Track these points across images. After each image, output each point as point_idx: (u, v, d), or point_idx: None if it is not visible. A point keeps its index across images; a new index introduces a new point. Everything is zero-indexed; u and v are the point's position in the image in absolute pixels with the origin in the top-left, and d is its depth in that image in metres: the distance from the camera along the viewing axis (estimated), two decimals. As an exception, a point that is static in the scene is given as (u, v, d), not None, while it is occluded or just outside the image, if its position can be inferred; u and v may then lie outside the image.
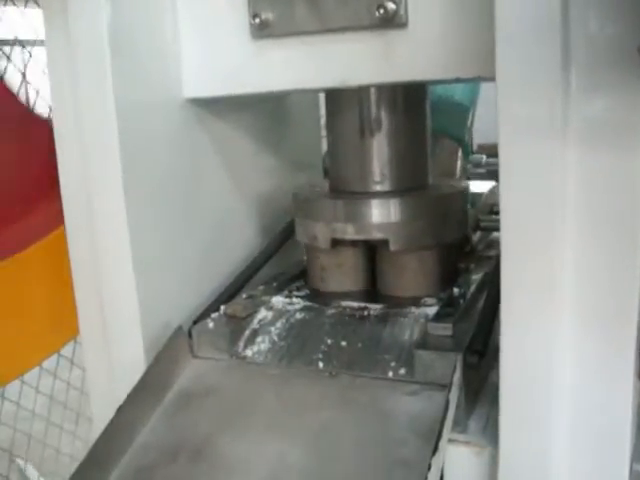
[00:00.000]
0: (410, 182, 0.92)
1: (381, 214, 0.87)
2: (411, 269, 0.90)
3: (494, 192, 1.09)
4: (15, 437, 1.55)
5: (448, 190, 0.93)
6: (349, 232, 0.88)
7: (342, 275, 0.94)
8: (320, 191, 0.97)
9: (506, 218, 0.63)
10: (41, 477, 1.58)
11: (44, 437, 1.63)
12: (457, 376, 0.69)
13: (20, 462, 1.60)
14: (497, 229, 0.88)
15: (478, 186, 1.08)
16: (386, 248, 0.87)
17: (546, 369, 0.64)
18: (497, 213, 0.98)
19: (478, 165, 1.35)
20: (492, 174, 1.10)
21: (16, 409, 1.52)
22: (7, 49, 1.40)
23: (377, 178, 0.91)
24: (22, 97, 1.39)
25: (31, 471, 1.61)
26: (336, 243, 0.90)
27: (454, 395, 0.68)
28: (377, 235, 0.87)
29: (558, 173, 0.61)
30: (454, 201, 0.92)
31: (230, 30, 0.82)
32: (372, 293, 0.94)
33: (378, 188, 0.91)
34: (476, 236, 1.04)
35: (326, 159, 1.02)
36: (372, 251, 0.93)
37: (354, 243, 0.91)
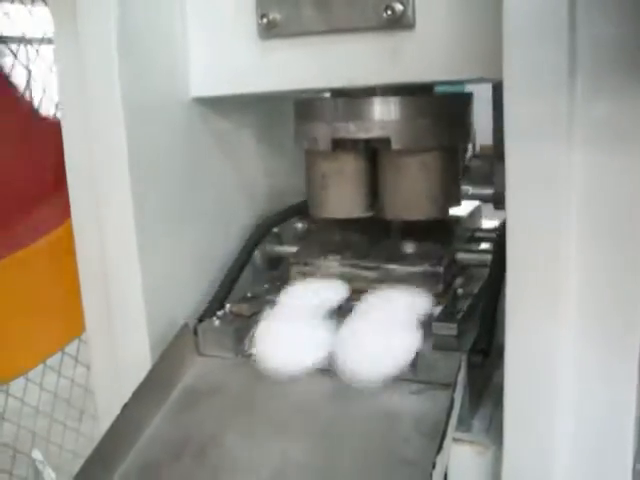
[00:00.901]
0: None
1: (383, 112, 0.84)
2: (413, 174, 0.88)
3: (476, 214, 1.06)
4: (19, 433, 1.56)
5: (452, 92, 0.92)
6: (350, 131, 0.85)
7: (343, 183, 0.92)
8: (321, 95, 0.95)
9: (512, 221, 0.63)
10: (49, 469, 1.59)
11: (48, 434, 1.64)
12: (462, 375, 0.69)
13: (37, 455, 1.61)
14: (477, 264, 0.90)
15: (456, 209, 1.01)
16: (387, 151, 0.86)
17: (550, 371, 0.65)
18: (479, 241, 0.96)
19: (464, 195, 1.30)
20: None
21: (20, 405, 1.53)
22: (14, 47, 1.41)
23: None
24: (28, 94, 1.40)
25: (39, 461, 1.62)
26: (337, 147, 0.88)
27: (459, 394, 0.69)
28: (379, 133, 0.85)
29: (564, 175, 0.61)
30: (457, 102, 0.90)
31: (238, 30, 0.82)
32: (374, 225, 0.93)
33: (380, 89, 0.88)
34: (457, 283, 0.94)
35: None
36: (373, 159, 0.92)
37: (355, 147, 0.89)
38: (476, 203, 1.07)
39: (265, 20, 0.80)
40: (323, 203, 0.94)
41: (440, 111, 0.86)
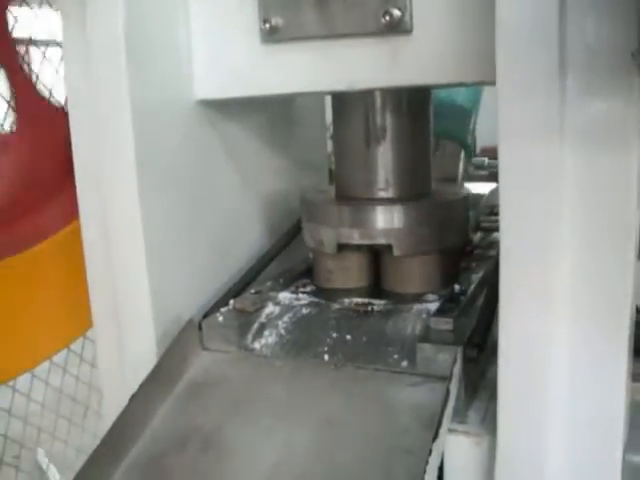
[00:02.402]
0: (413, 189, 0.95)
1: (385, 220, 0.90)
2: (414, 272, 0.94)
3: (495, 193, 1.12)
4: (25, 429, 1.58)
5: (450, 197, 0.96)
6: (354, 237, 0.91)
7: (347, 277, 0.97)
8: (326, 196, 1.00)
9: (505, 217, 0.66)
10: (51, 465, 1.61)
11: (53, 430, 1.66)
12: (457, 368, 0.72)
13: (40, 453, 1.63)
14: (497, 229, 0.91)
15: (479, 188, 1.11)
16: (390, 252, 0.91)
17: (543, 363, 0.67)
18: (497, 214, 1.01)
19: (480, 167, 1.38)
20: (493, 176, 1.12)
21: (26, 402, 1.55)
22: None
23: (382, 185, 0.94)
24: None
25: (44, 461, 1.64)
26: (342, 247, 0.93)
27: (454, 386, 0.71)
28: (381, 240, 0.90)
29: (556, 174, 0.63)
30: (456, 208, 0.95)
31: (241, 34, 0.85)
32: (376, 290, 0.97)
33: (382, 195, 0.94)
34: (477, 236, 1.07)
35: (332, 165, 1.05)
36: (376, 255, 0.97)
37: (359, 247, 0.94)
38: (494, 185, 1.13)
39: (267, 25, 0.82)
40: (327, 288, 0.98)
41: (440, 218, 0.92)
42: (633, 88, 0.61)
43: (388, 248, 0.90)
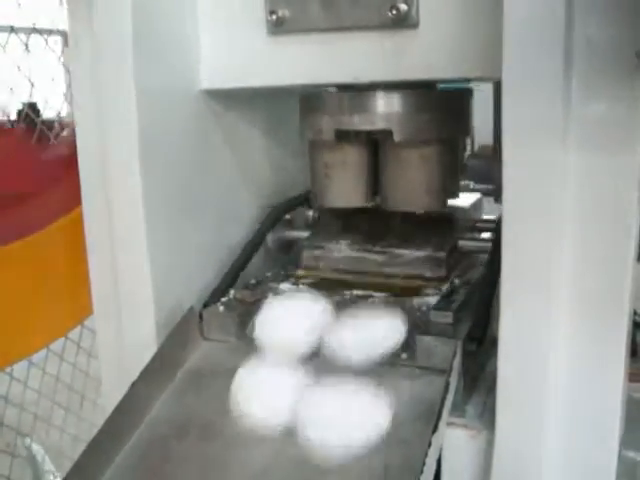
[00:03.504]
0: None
1: (386, 105, 0.88)
2: (413, 166, 0.91)
3: (478, 206, 1.10)
4: (21, 416, 1.58)
5: (453, 88, 0.95)
6: (354, 123, 0.89)
7: (345, 173, 0.95)
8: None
9: (508, 213, 0.66)
10: (45, 454, 1.62)
11: (49, 417, 1.66)
12: (457, 361, 0.72)
13: (27, 441, 1.63)
14: (478, 251, 0.94)
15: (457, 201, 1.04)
16: (389, 143, 0.89)
17: (542, 359, 0.68)
18: (480, 231, 1.00)
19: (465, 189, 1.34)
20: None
21: (23, 389, 1.55)
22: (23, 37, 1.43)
23: None
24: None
25: (37, 449, 1.64)
26: (340, 138, 0.91)
27: (454, 379, 0.72)
28: (381, 125, 0.88)
29: (558, 171, 0.64)
30: (458, 97, 0.93)
31: (247, 25, 0.85)
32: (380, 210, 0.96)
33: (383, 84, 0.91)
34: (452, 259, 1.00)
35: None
36: (376, 151, 0.95)
37: (358, 139, 0.92)
38: (478, 196, 1.11)
39: (274, 16, 0.83)
40: (326, 192, 0.97)
41: (441, 105, 0.90)
42: (637, 88, 0.61)
43: (388, 138, 0.88)
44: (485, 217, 1.10)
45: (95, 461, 0.71)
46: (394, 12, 0.76)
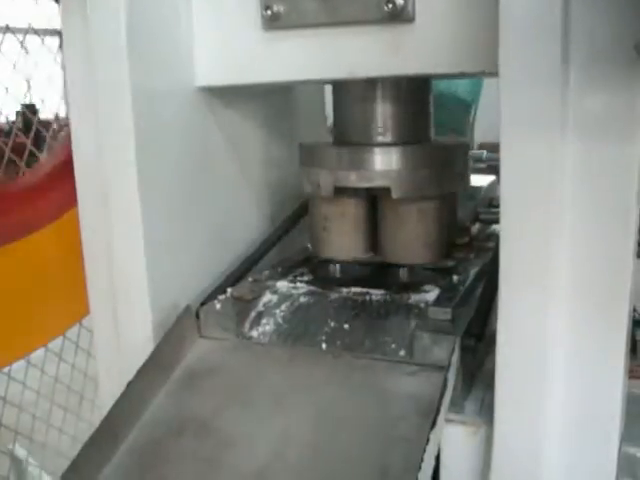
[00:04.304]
0: (412, 135, 0.93)
1: (383, 162, 0.88)
2: (412, 221, 0.92)
3: (493, 186, 1.12)
4: (20, 417, 1.58)
5: (449, 142, 0.96)
6: (352, 180, 0.89)
7: (344, 224, 0.95)
8: (325, 142, 0.98)
9: (506, 206, 0.66)
10: (30, 457, 1.61)
11: (48, 417, 1.66)
12: (455, 357, 0.72)
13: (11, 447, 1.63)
14: (496, 221, 0.91)
15: (478, 180, 1.11)
16: (388, 198, 0.89)
17: (540, 355, 0.67)
18: (496, 206, 1.02)
19: (479, 160, 1.38)
20: (492, 169, 1.13)
21: (22, 389, 1.55)
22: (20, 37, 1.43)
23: (380, 130, 0.92)
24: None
25: (21, 452, 1.64)
26: (339, 192, 0.91)
27: (452, 374, 0.71)
28: (379, 182, 0.88)
29: (557, 164, 0.63)
30: (455, 152, 0.94)
31: (242, 21, 0.85)
32: (373, 264, 0.97)
33: (380, 139, 0.92)
34: (475, 228, 1.07)
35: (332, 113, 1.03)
36: (374, 204, 0.95)
37: (357, 193, 0.93)
38: (493, 177, 1.14)
39: (269, 12, 0.82)
40: (324, 244, 0.97)
41: (438, 161, 0.90)
42: (635, 80, 0.61)
43: (386, 194, 0.88)
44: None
45: (91, 460, 0.70)
46: (390, 6, 0.76)
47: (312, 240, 1.00)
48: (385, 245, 0.95)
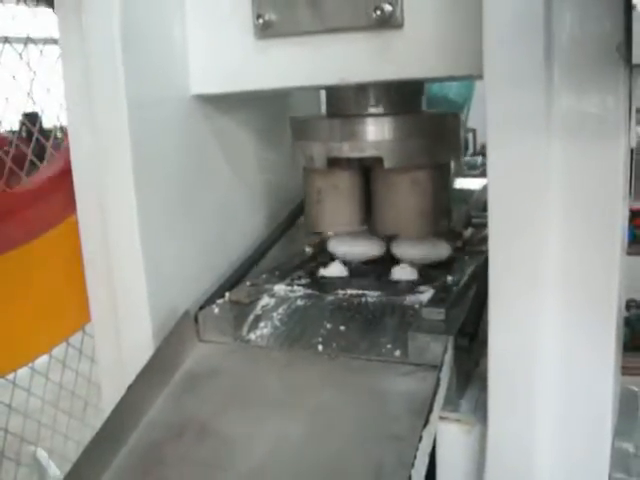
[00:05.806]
0: (403, 106, 0.94)
1: (375, 132, 0.89)
2: (404, 191, 0.92)
3: (486, 189, 1.13)
4: (25, 423, 1.60)
5: (441, 112, 0.96)
6: (344, 150, 0.90)
7: (337, 196, 0.96)
8: (317, 114, 1.00)
9: (493, 208, 0.67)
10: (51, 461, 1.63)
11: (53, 424, 1.67)
12: (448, 356, 0.73)
13: (34, 449, 1.65)
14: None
15: (471, 183, 1.12)
16: (380, 169, 0.90)
17: (532, 352, 0.68)
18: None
19: (473, 167, 1.39)
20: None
21: (27, 397, 1.56)
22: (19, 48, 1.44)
23: (372, 102, 0.93)
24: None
25: (43, 456, 1.65)
26: (332, 164, 0.92)
27: (445, 373, 0.72)
28: (371, 152, 0.89)
29: (542, 164, 0.64)
30: (447, 122, 0.94)
31: (235, 30, 0.86)
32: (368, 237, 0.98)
33: (372, 110, 0.93)
34: (468, 232, 1.07)
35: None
36: (367, 176, 0.96)
37: (350, 165, 0.93)
38: (485, 181, 1.12)
39: (261, 20, 0.83)
40: (318, 217, 0.99)
41: (430, 130, 0.91)
42: (618, 80, 0.62)
43: (378, 164, 0.89)
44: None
45: (93, 463, 0.71)
46: (378, 13, 0.77)
47: (306, 215, 1.00)
48: (379, 217, 0.96)
